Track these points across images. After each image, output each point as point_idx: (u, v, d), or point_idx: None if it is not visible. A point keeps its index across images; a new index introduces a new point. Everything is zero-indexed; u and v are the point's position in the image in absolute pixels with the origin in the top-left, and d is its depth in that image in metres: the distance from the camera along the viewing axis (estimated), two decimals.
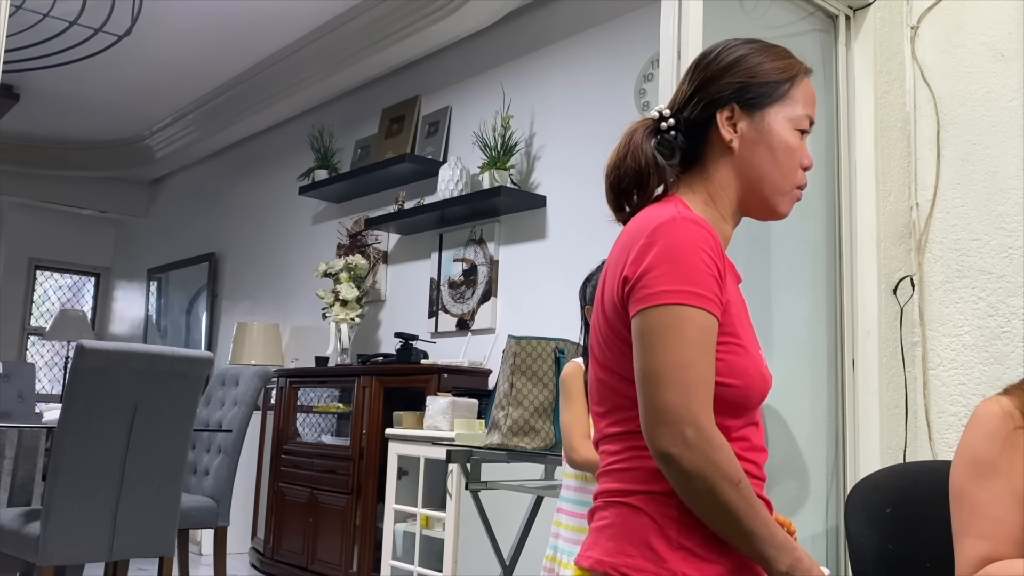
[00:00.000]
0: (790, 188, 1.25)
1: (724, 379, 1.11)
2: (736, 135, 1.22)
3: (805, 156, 1.25)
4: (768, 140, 1.22)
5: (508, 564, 2.61)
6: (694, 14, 2.13)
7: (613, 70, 3.97)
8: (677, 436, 1.05)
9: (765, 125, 1.22)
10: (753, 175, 1.23)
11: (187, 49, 5.68)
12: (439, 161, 4.76)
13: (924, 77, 2.71)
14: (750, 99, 1.22)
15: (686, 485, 1.06)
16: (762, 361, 1.17)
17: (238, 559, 5.21)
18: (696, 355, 1.07)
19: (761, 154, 1.22)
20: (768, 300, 2.64)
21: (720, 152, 1.23)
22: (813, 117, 1.26)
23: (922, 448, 2.57)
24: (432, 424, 3.54)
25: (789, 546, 1.08)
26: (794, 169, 1.24)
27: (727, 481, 1.05)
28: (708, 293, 1.09)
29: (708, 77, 1.24)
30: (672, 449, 1.05)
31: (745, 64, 1.23)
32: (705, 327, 1.08)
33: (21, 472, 3.46)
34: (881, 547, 1.61)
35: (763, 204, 1.25)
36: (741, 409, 1.14)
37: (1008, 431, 1.31)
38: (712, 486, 1.05)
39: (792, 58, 1.27)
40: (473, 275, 4.53)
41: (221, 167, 7.21)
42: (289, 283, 6.08)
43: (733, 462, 1.06)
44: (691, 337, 1.07)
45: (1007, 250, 2.49)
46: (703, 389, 1.07)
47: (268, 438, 5.20)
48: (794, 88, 1.24)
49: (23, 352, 8.32)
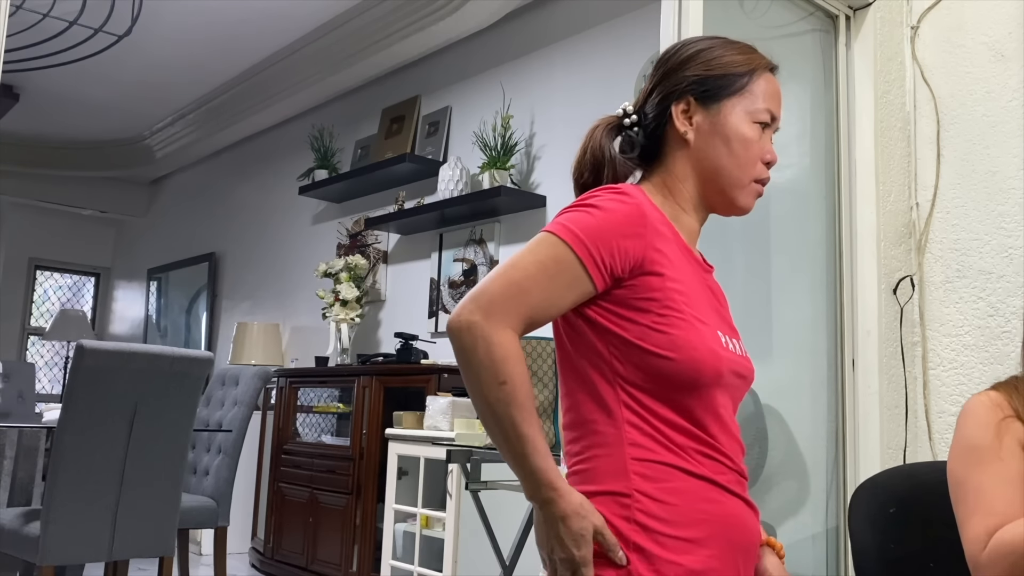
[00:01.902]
0: (748, 181, 1.24)
1: (663, 351, 1.12)
2: (691, 127, 1.23)
3: (767, 151, 1.25)
4: (724, 132, 1.22)
5: (508, 564, 2.61)
6: (694, 14, 2.13)
7: (613, 70, 3.97)
8: (467, 313, 1.08)
9: (721, 118, 1.23)
10: (709, 167, 1.23)
11: (187, 49, 5.68)
12: (439, 161, 4.76)
13: (924, 77, 2.71)
14: (705, 92, 1.23)
15: (460, 363, 1.09)
16: (717, 340, 1.16)
17: (238, 559, 5.21)
18: (535, 271, 1.10)
19: (716, 146, 1.23)
20: (768, 300, 2.64)
21: (677, 145, 1.25)
22: (775, 112, 1.26)
23: (922, 448, 2.57)
24: (432, 424, 3.54)
25: (540, 479, 1.07)
26: (751, 162, 1.24)
27: (490, 376, 1.06)
28: (594, 248, 1.11)
29: (667, 71, 1.26)
30: (457, 320, 1.08)
31: (703, 57, 1.24)
32: (562, 261, 1.10)
33: (21, 472, 3.46)
34: (884, 547, 1.61)
35: (721, 197, 1.25)
36: (691, 387, 1.13)
37: (998, 419, 1.37)
38: (477, 375, 1.06)
39: (754, 52, 1.27)
40: (473, 275, 4.53)
41: (221, 167, 7.21)
42: (289, 283, 6.08)
43: (506, 363, 1.06)
44: (542, 257, 1.10)
45: (1007, 250, 2.49)
46: (521, 296, 1.09)
47: (268, 438, 5.19)
48: (753, 82, 1.24)
49: (23, 352, 8.32)
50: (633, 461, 1.11)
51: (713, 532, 1.12)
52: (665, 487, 1.11)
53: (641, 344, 1.13)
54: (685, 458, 1.13)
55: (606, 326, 1.14)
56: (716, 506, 1.13)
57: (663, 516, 1.10)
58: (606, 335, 1.15)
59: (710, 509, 1.13)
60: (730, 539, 1.14)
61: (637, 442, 1.12)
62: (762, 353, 2.57)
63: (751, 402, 2.48)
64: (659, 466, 1.12)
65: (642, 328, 1.13)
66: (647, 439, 1.12)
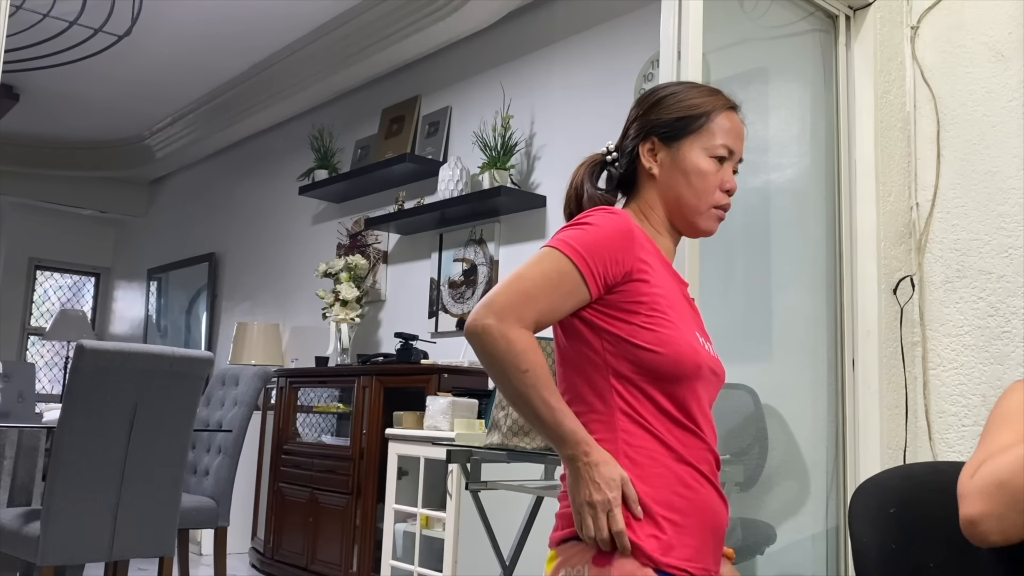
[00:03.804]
0: (706, 208, 1.42)
1: (651, 346, 1.28)
2: (656, 163, 1.42)
3: (726, 181, 1.42)
4: (683, 167, 1.41)
5: (508, 564, 2.61)
6: (694, 14, 2.13)
7: (613, 70, 3.97)
8: (481, 318, 1.23)
9: (680, 155, 1.41)
10: (672, 196, 1.42)
11: (187, 49, 5.68)
12: (439, 161, 4.76)
13: (924, 77, 2.71)
14: (666, 132, 1.42)
15: (484, 363, 1.24)
16: (696, 340, 1.33)
17: (238, 559, 5.21)
18: (541, 281, 1.26)
19: (677, 179, 1.41)
20: (768, 300, 2.64)
21: (647, 178, 1.44)
22: (732, 147, 1.43)
23: (922, 448, 2.57)
24: (432, 424, 3.54)
25: (574, 438, 1.23)
26: (709, 192, 1.41)
27: (514, 367, 1.22)
28: (591, 260, 1.27)
29: (640, 114, 1.45)
30: (474, 324, 1.23)
31: (667, 102, 1.43)
32: (564, 272, 1.27)
33: (21, 472, 3.46)
34: (884, 547, 1.61)
35: (684, 222, 1.44)
36: (675, 378, 1.29)
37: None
38: (502, 369, 1.22)
39: (715, 95, 1.45)
40: (473, 275, 4.53)
41: (221, 167, 7.21)
42: (289, 283, 6.08)
43: (526, 354, 1.22)
44: (546, 269, 1.27)
45: (1007, 250, 2.49)
46: (529, 303, 1.24)
47: (268, 438, 5.19)
48: (711, 122, 1.41)
49: (23, 352, 8.32)
50: (624, 445, 1.27)
51: (689, 514, 1.27)
52: (649, 472, 1.26)
53: (632, 340, 1.29)
54: (669, 445, 1.28)
55: (601, 325, 1.30)
56: (693, 492, 1.29)
57: (645, 497, 1.24)
58: (601, 333, 1.30)
59: (687, 495, 1.28)
60: (704, 522, 1.29)
61: (627, 429, 1.28)
62: (762, 353, 2.57)
63: (751, 402, 2.49)
64: (645, 451, 1.27)
65: (632, 327, 1.29)
66: (636, 427, 1.28)
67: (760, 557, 2.47)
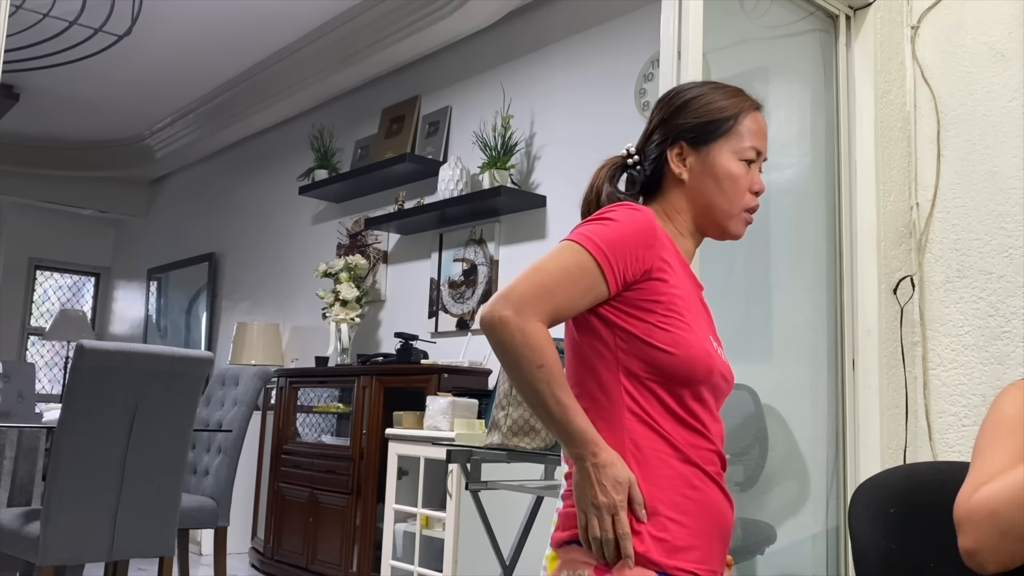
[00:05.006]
0: (738, 212, 1.40)
1: (665, 347, 1.26)
2: (685, 168, 1.39)
3: (755, 182, 1.40)
4: (714, 172, 1.38)
5: (508, 564, 2.61)
6: (694, 14, 2.13)
7: (613, 70, 3.97)
8: (499, 309, 1.21)
9: (711, 159, 1.38)
10: (703, 202, 1.40)
11: (187, 49, 5.68)
12: (439, 161, 4.76)
13: (924, 77, 2.71)
14: (694, 138, 1.38)
15: (499, 354, 1.23)
16: (710, 344, 1.32)
17: (238, 559, 5.21)
18: (560, 276, 1.24)
19: (708, 184, 1.39)
20: (768, 300, 2.64)
21: (674, 182, 1.41)
22: (760, 148, 1.41)
23: (922, 448, 2.57)
24: (432, 424, 3.54)
25: (583, 438, 1.22)
26: (740, 195, 1.39)
27: (528, 361, 1.20)
28: (611, 256, 1.25)
29: (663, 118, 1.42)
30: (490, 315, 1.22)
31: (693, 105, 1.40)
32: (584, 266, 1.25)
33: (21, 472, 3.46)
34: (884, 547, 1.61)
35: (715, 226, 1.42)
36: (685, 380, 1.28)
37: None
38: (517, 362, 1.21)
39: (740, 95, 1.42)
40: (473, 275, 4.53)
41: (221, 167, 7.21)
42: (289, 283, 6.08)
43: (542, 349, 1.21)
44: (566, 263, 1.25)
45: (1007, 250, 2.49)
46: (547, 296, 1.23)
47: (268, 438, 5.19)
48: (739, 124, 1.39)
49: (23, 352, 8.32)
50: (631, 444, 1.25)
51: (696, 515, 1.26)
52: (655, 472, 1.25)
53: (646, 339, 1.27)
54: (676, 446, 1.27)
55: (616, 321, 1.28)
56: (699, 493, 1.27)
57: (651, 498, 1.23)
58: (615, 329, 1.28)
59: (694, 496, 1.26)
60: (710, 523, 1.28)
61: (634, 428, 1.26)
62: (762, 353, 2.57)
63: (751, 402, 2.49)
64: (652, 451, 1.26)
65: (648, 325, 1.27)
66: (643, 426, 1.26)
67: (760, 557, 2.47)
